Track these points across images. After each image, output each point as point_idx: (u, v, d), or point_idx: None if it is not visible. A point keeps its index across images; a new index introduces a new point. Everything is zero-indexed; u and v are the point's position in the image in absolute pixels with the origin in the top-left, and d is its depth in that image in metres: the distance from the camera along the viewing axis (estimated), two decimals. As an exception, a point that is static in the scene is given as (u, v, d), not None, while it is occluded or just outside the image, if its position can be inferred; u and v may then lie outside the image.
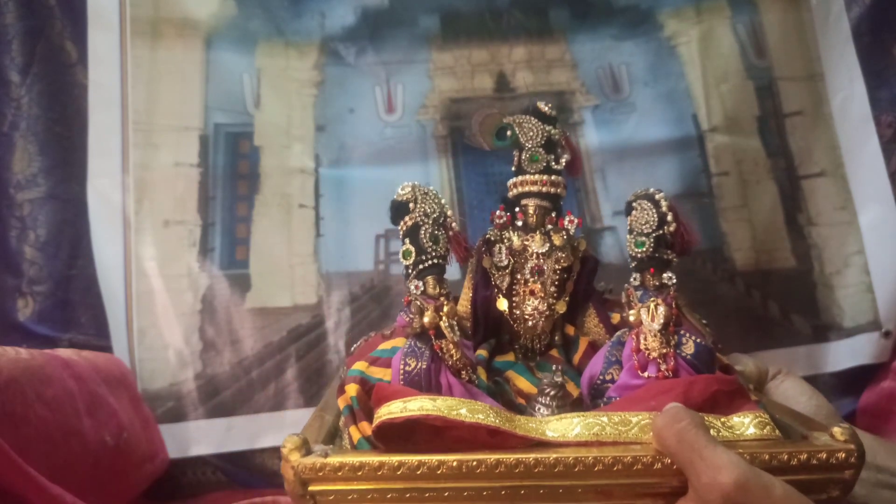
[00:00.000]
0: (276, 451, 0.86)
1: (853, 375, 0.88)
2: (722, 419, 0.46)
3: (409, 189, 0.55)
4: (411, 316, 0.52)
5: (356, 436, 0.48)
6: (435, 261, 0.54)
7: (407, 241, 0.54)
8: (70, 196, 0.86)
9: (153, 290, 0.85)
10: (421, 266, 0.54)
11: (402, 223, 0.55)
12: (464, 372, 0.51)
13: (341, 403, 0.52)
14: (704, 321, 0.63)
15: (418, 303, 0.52)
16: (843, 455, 0.43)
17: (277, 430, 0.85)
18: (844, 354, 0.89)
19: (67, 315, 0.85)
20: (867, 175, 0.90)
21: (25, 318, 0.83)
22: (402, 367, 0.50)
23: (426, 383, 0.49)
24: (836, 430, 0.44)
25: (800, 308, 0.90)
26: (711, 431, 0.44)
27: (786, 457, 0.43)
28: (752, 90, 0.94)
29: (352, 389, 0.52)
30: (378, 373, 0.54)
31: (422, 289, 0.53)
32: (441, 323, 0.51)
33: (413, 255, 0.54)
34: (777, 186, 0.92)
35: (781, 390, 0.62)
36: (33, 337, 0.82)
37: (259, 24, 0.91)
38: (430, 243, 0.54)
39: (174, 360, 0.85)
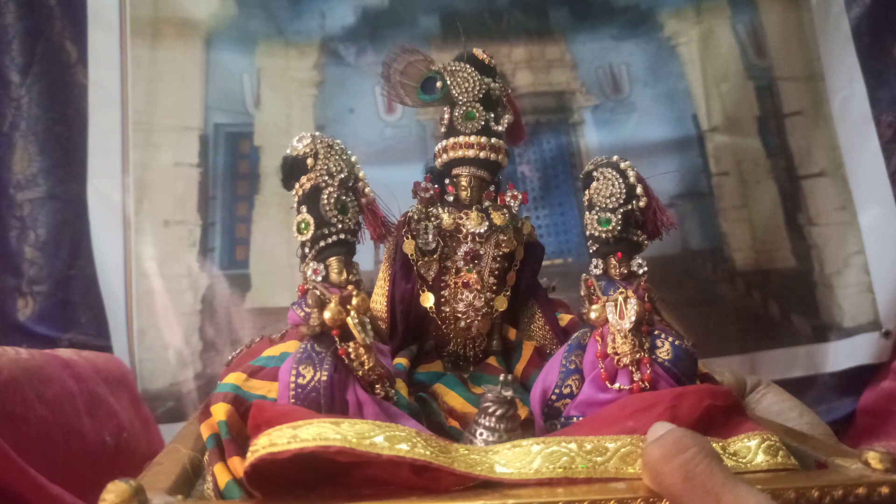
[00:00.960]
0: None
1: (853, 375, 0.88)
2: (721, 443, 0.37)
3: (308, 141, 0.42)
4: (307, 310, 0.40)
5: (223, 478, 0.34)
6: (341, 236, 0.41)
7: (303, 209, 0.41)
8: (70, 196, 0.86)
9: (153, 290, 0.85)
10: (322, 243, 0.41)
11: (297, 186, 0.42)
12: (379, 385, 0.39)
13: (205, 431, 0.37)
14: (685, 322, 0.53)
15: (317, 293, 0.39)
16: (887, 490, 0.33)
17: (277, 430, 0.85)
18: (844, 354, 0.89)
19: (67, 315, 0.85)
20: (867, 175, 0.90)
21: (25, 318, 0.83)
22: (293, 378, 0.37)
23: (327, 401, 0.37)
24: (872, 457, 0.35)
25: (800, 308, 0.90)
26: None
27: (816, 494, 0.33)
28: (752, 90, 0.94)
29: (220, 411, 0.37)
30: (260, 387, 0.40)
31: (322, 274, 0.41)
32: (348, 320, 0.38)
33: (311, 227, 0.41)
34: (777, 186, 0.92)
35: (765, 405, 0.54)
36: (33, 337, 0.82)
37: (259, 24, 0.91)
38: (335, 212, 0.41)
39: (174, 360, 0.85)
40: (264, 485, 0.32)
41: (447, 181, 0.51)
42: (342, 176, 0.41)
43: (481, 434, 0.38)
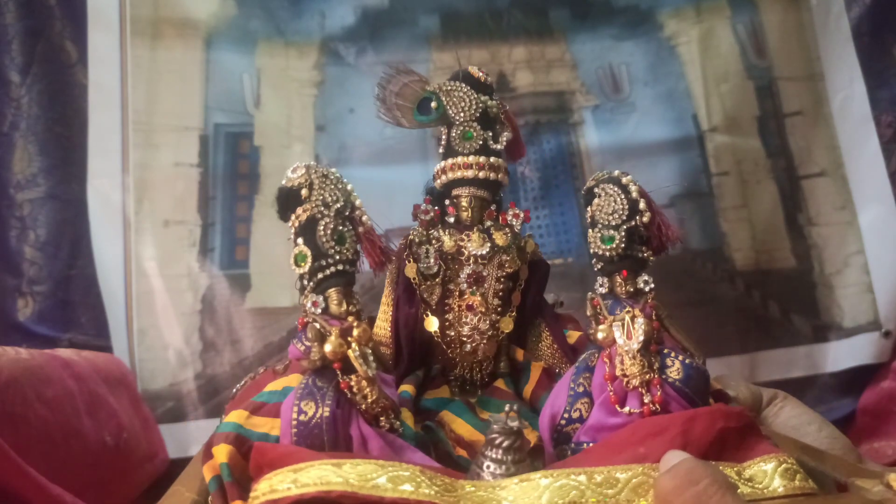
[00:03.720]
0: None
1: (853, 375, 0.88)
2: (736, 468, 0.35)
3: (303, 171, 0.42)
4: (308, 344, 0.39)
5: None
6: (339, 267, 0.41)
7: (300, 240, 0.42)
8: (70, 196, 0.86)
9: (153, 290, 0.85)
10: (320, 275, 0.41)
11: (292, 217, 0.42)
12: (383, 418, 0.39)
13: (207, 474, 0.37)
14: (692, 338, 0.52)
15: (318, 326, 0.39)
16: None
17: (277, 430, 0.85)
18: (844, 354, 0.88)
19: (67, 315, 0.85)
20: (867, 175, 0.90)
21: (25, 318, 0.83)
22: (294, 415, 0.37)
23: (330, 437, 0.36)
24: (894, 479, 0.34)
25: (800, 308, 0.90)
26: None
27: None
28: (752, 90, 0.94)
29: (222, 453, 0.37)
30: (262, 425, 0.39)
31: (322, 306, 0.41)
32: (350, 353, 0.38)
33: (309, 259, 0.41)
34: (777, 186, 0.92)
35: (782, 419, 0.51)
36: (33, 337, 0.82)
37: (259, 24, 0.91)
38: (332, 243, 0.41)
39: (174, 360, 0.85)
40: None
41: (447, 202, 0.50)
42: (338, 206, 0.41)
43: (488, 467, 0.37)
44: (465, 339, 0.48)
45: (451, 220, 0.49)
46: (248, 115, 0.91)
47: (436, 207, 0.50)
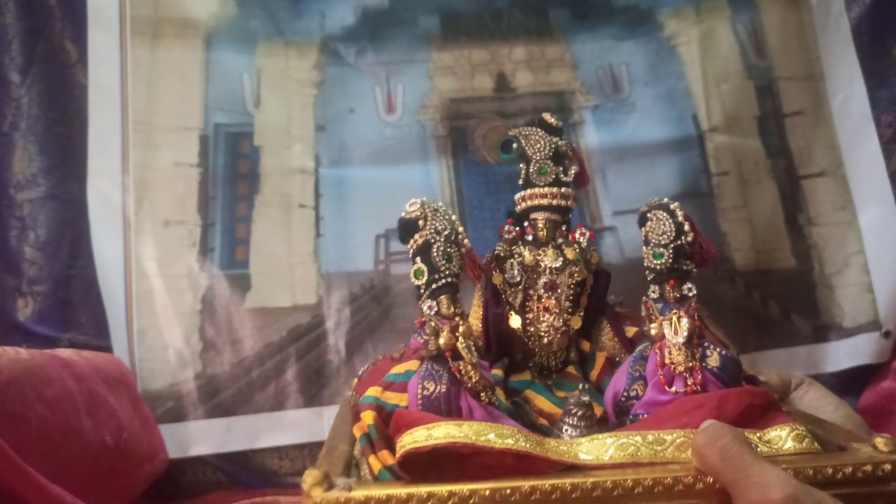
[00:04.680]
0: (276, 451, 0.86)
1: (853, 375, 0.88)
2: (758, 434, 0.45)
3: (419, 206, 0.54)
4: (426, 338, 0.50)
5: (376, 466, 0.46)
6: (448, 279, 0.53)
7: (418, 259, 0.53)
8: (70, 196, 0.86)
9: (153, 290, 0.85)
10: (434, 286, 0.52)
11: (411, 241, 0.54)
12: (483, 394, 0.50)
13: (357, 432, 0.49)
14: (727, 336, 0.61)
15: (433, 324, 0.50)
16: (889, 467, 0.42)
17: (277, 431, 0.85)
18: (844, 354, 0.89)
19: (67, 315, 0.85)
20: (867, 175, 0.90)
21: (25, 318, 0.83)
22: (419, 391, 0.48)
23: (446, 407, 0.47)
24: (879, 441, 0.43)
25: (800, 308, 0.90)
26: None
27: (830, 471, 0.41)
28: (752, 90, 0.94)
29: (368, 417, 0.49)
30: (393, 398, 0.51)
31: (435, 309, 0.52)
32: (458, 344, 0.49)
33: (425, 274, 0.53)
34: (777, 186, 0.92)
35: (807, 401, 0.60)
36: (33, 337, 0.82)
37: (259, 24, 0.91)
38: (443, 261, 0.53)
39: (174, 360, 0.84)
40: (411, 470, 0.43)
41: (526, 223, 0.61)
42: (447, 233, 0.54)
43: (567, 430, 0.49)
44: (542, 334, 0.59)
45: (530, 238, 0.60)
46: (248, 115, 0.91)
47: (517, 228, 0.60)
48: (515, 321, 0.59)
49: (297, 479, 0.90)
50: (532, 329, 0.59)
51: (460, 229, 0.55)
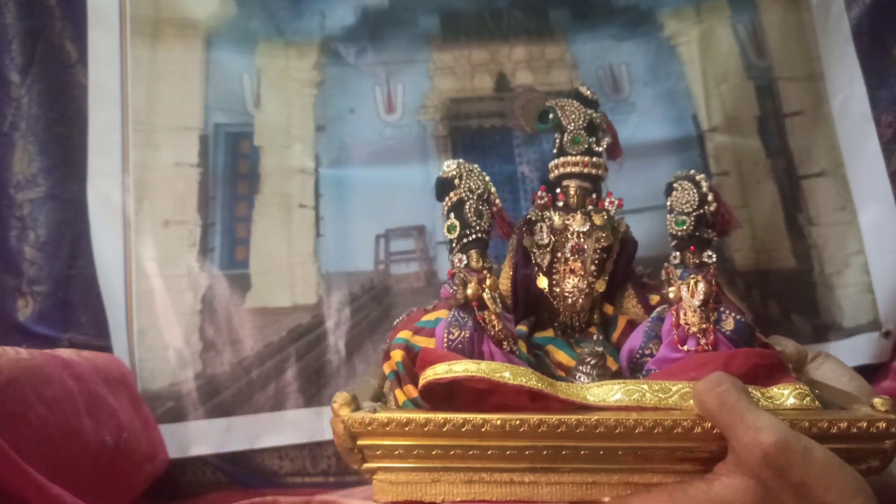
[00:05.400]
0: (276, 451, 0.86)
1: (853, 375, 0.88)
2: (762, 390, 0.47)
3: (455, 166, 0.57)
4: (455, 288, 0.53)
5: (401, 398, 0.50)
6: (478, 235, 0.55)
7: (452, 215, 0.56)
8: (70, 196, 0.86)
9: (153, 290, 0.85)
10: (465, 240, 0.55)
11: (447, 199, 0.56)
12: (505, 343, 0.53)
13: (387, 369, 0.53)
14: (744, 302, 0.63)
15: (462, 275, 0.53)
16: (884, 424, 0.43)
17: (277, 431, 0.85)
18: (844, 354, 0.88)
19: (67, 315, 0.85)
20: (867, 175, 0.90)
21: (25, 318, 0.83)
22: (445, 335, 0.52)
23: (469, 351, 0.51)
24: (877, 402, 0.44)
25: (800, 308, 0.90)
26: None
27: (825, 425, 0.43)
28: (752, 90, 0.94)
29: (397, 355, 0.54)
30: (422, 342, 0.55)
31: (465, 262, 0.55)
32: (484, 294, 0.52)
33: (457, 229, 0.55)
34: (777, 186, 0.92)
35: (821, 372, 0.60)
36: (33, 337, 0.82)
37: (259, 24, 0.91)
38: (475, 218, 0.55)
39: (174, 360, 0.85)
40: (431, 400, 0.47)
41: (558, 190, 0.63)
42: (479, 191, 0.56)
43: (580, 378, 0.53)
44: (567, 294, 0.62)
45: (560, 204, 0.62)
46: (248, 115, 0.91)
47: (549, 194, 0.62)
48: (543, 282, 0.62)
49: (297, 479, 0.91)
50: (558, 289, 0.62)
51: (493, 189, 0.58)
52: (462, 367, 0.46)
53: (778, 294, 0.90)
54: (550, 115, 0.62)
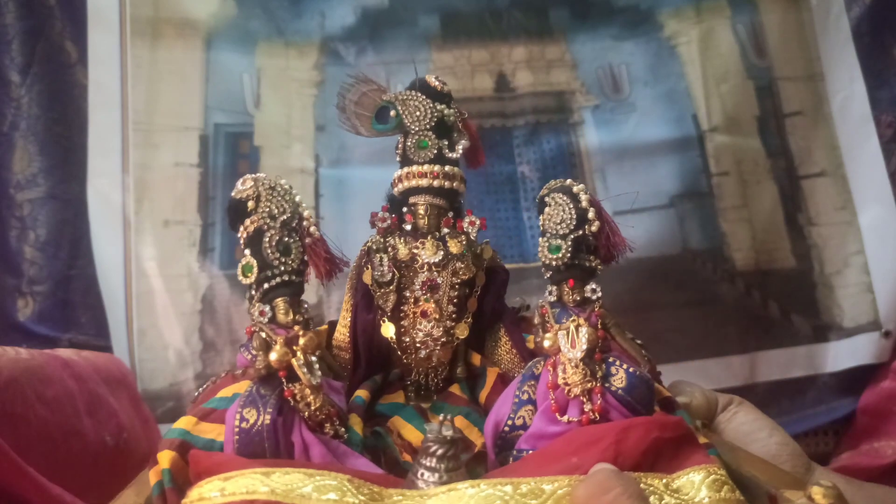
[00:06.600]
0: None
1: (853, 375, 0.88)
2: (665, 479, 0.36)
3: (251, 184, 0.43)
4: (254, 353, 0.40)
5: None
6: (285, 277, 0.42)
7: (247, 252, 0.43)
8: (70, 196, 0.86)
9: (153, 290, 0.85)
10: (266, 285, 0.42)
11: (241, 229, 0.43)
12: (328, 425, 0.39)
13: (152, 479, 0.37)
14: (639, 342, 0.50)
15: (263, 335, 0.40)
16: None
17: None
18: (844, 354, 0.88)
19: (67, 315, 0.85)
20: (867, 175, 0.90)
21: (25, 318, 0.83)
22: (237, 422, 0.37)
23: (271, 444, 0.37)
24: (816, 491, 0.34)
25: (800, 308, 0.90)
26: (653, 499, 0.34)
27: None
28: (752, 90, 0.94)
29: (165, 459, 0.37)
30: (210, 431, 0.40)
31: (269, 315, 0.41)
32: (293, 361, 0.38)
33: (255, 270, 0.42)
34: (777, 186, 0.92)
35: (735, 425, 0.51)
36: (33, 337, 0.82)
37: (259, 24, 0.91)
38: (278, 254, 0.42)
39: (174, 360, 0.85)
40: None
41: (405, 210, 0.50)
42: (284, 217, 0.42)
43: (422, 475, 0.36)
44: (419, 345, 0.49)
45: (409, 227, 0.50)
46: (248, 115, 0.91)
47: (393, 215, 0.50)
48: (388, 329, 0.49)
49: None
50: (407, 339, 0.49)
51: (306, 214, 0.44)
52: (241, 487, 0.32)
53: (778, 294, 0.90)
54: (392, 113, 0.50)
